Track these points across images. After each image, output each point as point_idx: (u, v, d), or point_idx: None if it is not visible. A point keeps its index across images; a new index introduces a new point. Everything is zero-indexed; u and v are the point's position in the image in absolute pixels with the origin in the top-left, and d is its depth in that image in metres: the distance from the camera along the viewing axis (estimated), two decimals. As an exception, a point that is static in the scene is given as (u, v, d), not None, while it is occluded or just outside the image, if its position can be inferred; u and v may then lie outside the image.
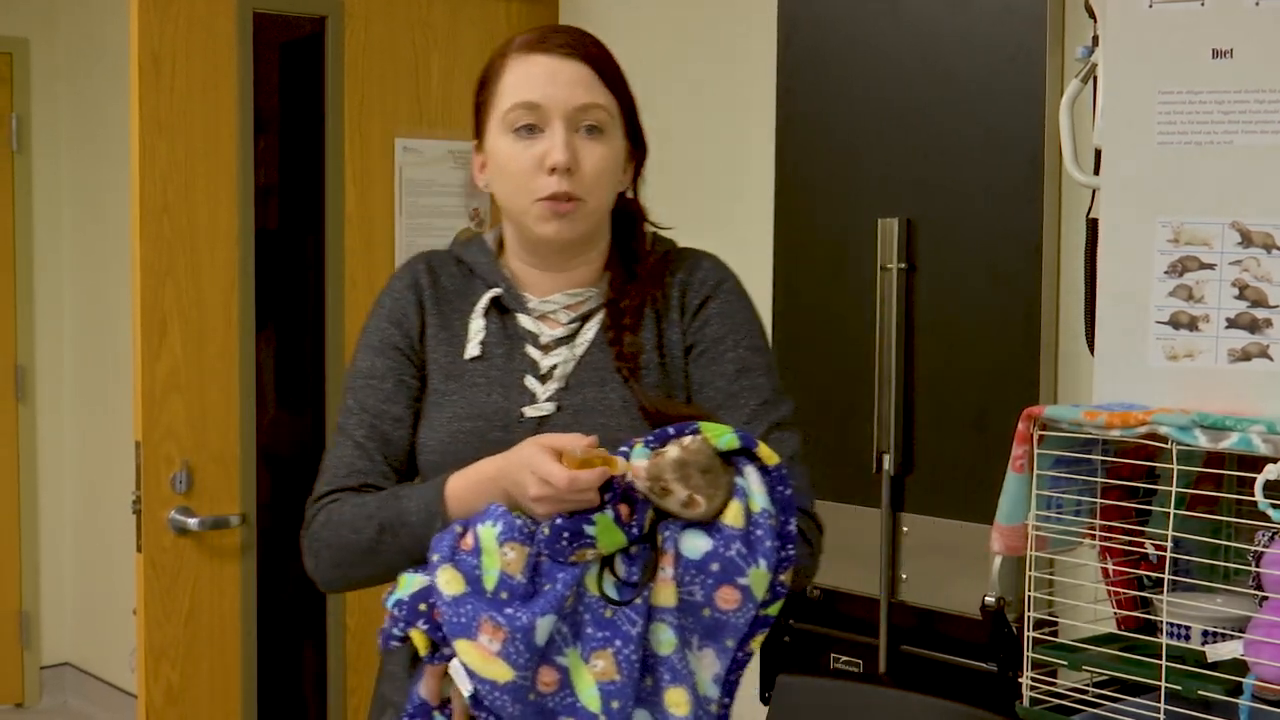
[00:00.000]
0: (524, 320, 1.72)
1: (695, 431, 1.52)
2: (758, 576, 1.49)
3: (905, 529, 2.68)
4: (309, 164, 3.24)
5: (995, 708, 2.31)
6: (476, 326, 1.71)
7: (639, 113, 1.76)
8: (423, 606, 1.53)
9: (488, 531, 1.51)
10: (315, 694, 3.30)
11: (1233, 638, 1.79)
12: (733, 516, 1.50)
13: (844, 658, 2.80)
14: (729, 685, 1.54)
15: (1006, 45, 2.53)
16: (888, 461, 2.68)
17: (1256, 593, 1.76)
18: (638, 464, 1.49)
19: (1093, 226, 2.09)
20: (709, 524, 1.50)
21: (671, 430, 1.53)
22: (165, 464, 2.90)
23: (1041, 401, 2.46)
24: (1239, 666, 1.76)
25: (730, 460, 1.53)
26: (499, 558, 1.50)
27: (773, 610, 1.53)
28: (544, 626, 1.48)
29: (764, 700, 2.82)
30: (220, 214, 2.97)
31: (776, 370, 1.75)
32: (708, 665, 1.53)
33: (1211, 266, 1.86)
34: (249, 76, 3.01)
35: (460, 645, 1.48)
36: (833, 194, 2.81)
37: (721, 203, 3.15)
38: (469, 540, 1.53)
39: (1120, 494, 1.96)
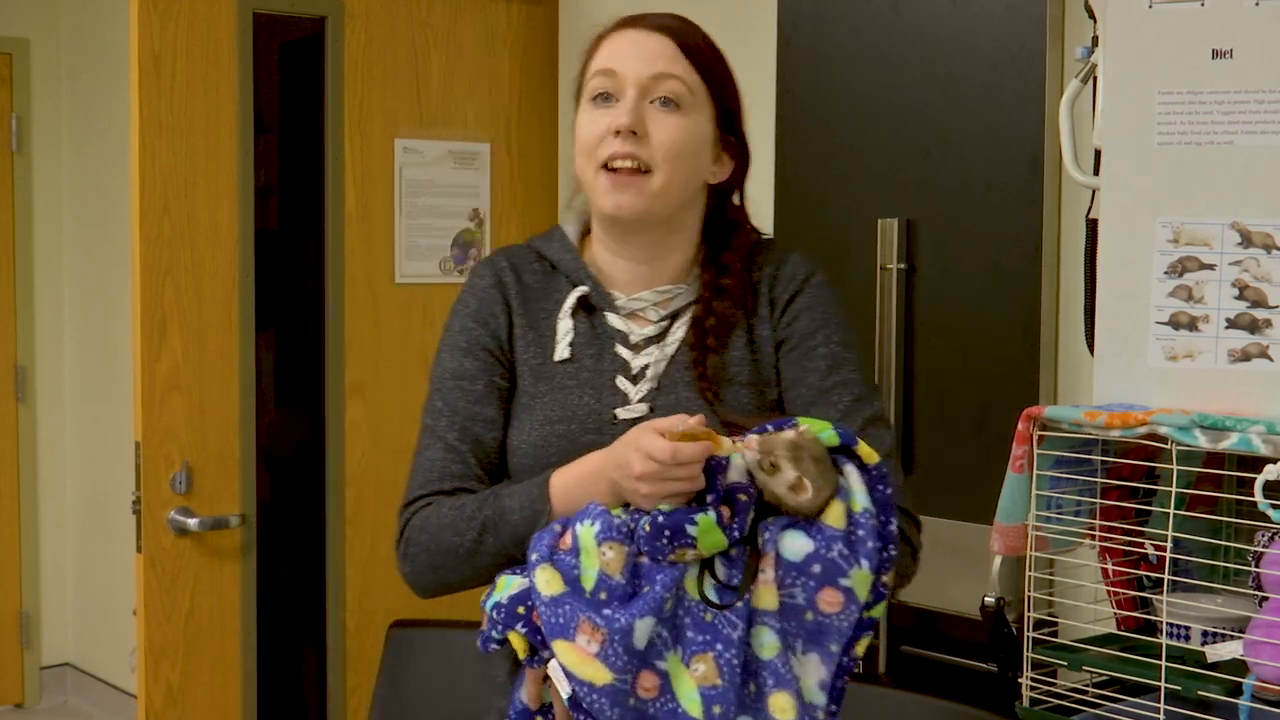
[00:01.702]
0: (612, 319, 1.67)
1: (795, 425, 1.48)
2: (860, 578, 1.45)
3: (905, 529, 2.68)
4: (309, 164, 3.24)
5: (995, 708, 2.31)
6: (565, 327, 1.66)
7: (741, 110, 1.69)
8: (520, 609, 1.49)
9: (586, 530, 1.47)
10: (315, 694, 3.30)
11: (1232, 638, 1.79)
12: (834, 517, 1.46)
13: (844, 658, 2.79)
14: (835, 691, 1.49)
15: (1006, 45, 2.53)
16: (888, 461, 2.68)
17: (1256, 593, 1.76)
18: (750, 438, 1.45)
19: (1093, 226, 2.08)
20: (809, 523, 1.46)
21: (770, 426, 1.48)
22: (165, 464, 2.90)
23: (1041, 401, 2.46)
24: (1239, 667, 1.76)
25: (831, 457, 1.49)
26: (598, 557, 1.46)
27: (876, 612, 1.49)
28: (642, 629, 1.44)
29: (764, 700, 2.81)
30: (220, 214, 2.97)
31: (864, 365, 1.72)
32: (812, 670, 1.48)
33: (1211, 267, 1.86)
34: (249, 76, 3.01)
35: (558, 646, 1.45)
36: (833, 194, 2.80)
37: (721, 203, 3.15)
38: (568, 540, 1.49)
39: (1120, 494, 1.96)
